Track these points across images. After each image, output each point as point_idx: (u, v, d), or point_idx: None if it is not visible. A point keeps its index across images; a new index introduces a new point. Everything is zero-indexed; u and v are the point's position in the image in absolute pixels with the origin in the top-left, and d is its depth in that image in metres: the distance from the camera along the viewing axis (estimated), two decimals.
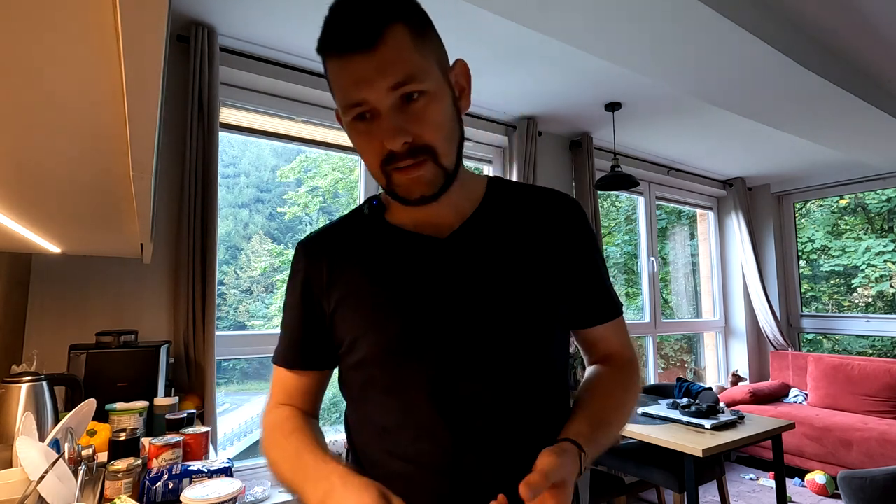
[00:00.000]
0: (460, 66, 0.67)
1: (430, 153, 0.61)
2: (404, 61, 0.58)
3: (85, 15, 0.27)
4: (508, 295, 0.66)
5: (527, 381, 0.67)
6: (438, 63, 0.63)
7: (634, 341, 4.47)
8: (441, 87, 0.62)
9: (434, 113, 0.61)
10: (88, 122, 0.43)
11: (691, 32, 1.75)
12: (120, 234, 1.08)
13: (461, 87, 0.67)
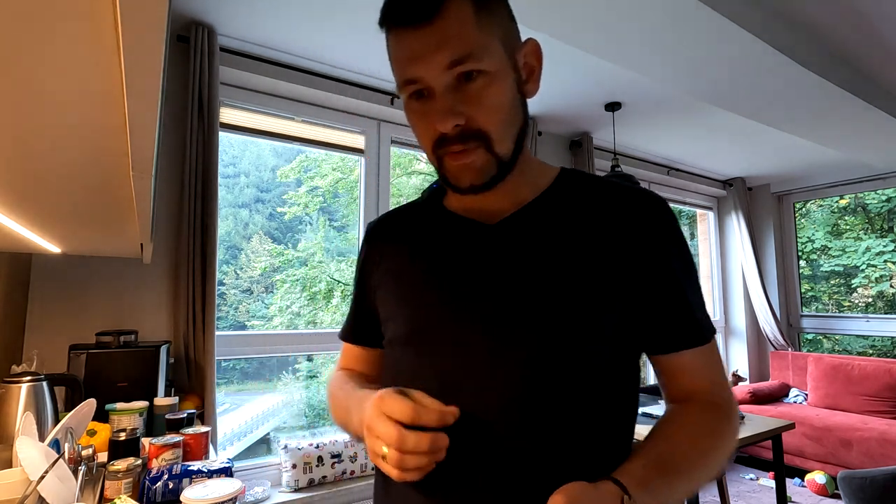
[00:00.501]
0: (531, 46, 0.60)
1: (482, 139, 0.57)
2: (464, 37, 0.54)
3: (85, 15, 0.27)
4: (544, 295, 0.57)
5: (545, 399, 0.56)
6: (503, 40, 0.57)
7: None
8: (503, 67, 0.57)
9: (492, 95, 0.56)
10: (88, 122, 0.43)
11: (691, 32, 1.75)
12: (120, 234, 1.08)
13: (530, 68, 0.61)
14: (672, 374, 0.64)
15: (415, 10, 0.54)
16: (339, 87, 2.37)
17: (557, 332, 0.57)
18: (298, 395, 4.20)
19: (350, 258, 4.07)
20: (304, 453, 2.17)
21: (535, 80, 0.61)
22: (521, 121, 0.61)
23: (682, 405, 0.62)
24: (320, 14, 1.90)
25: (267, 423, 4.02)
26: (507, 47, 0.58)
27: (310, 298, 4.23)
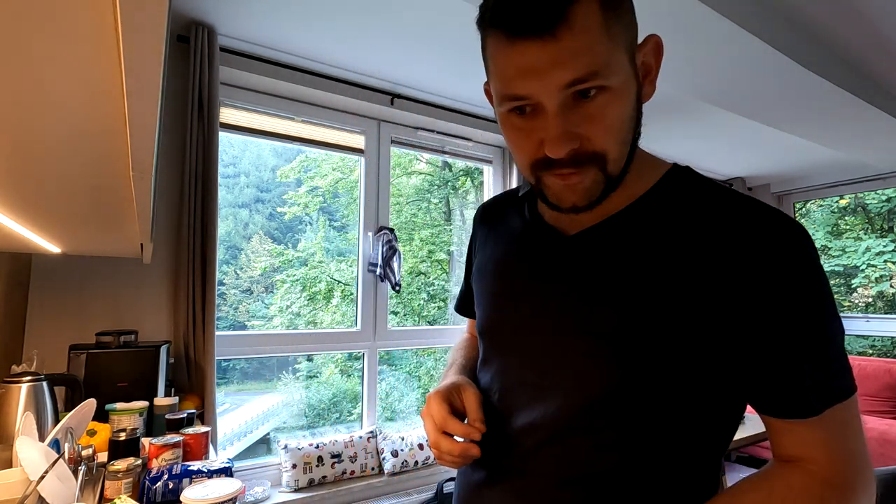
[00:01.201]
0: (653, 43, 0.52)
1: (598, 161, 0.50)
2: (590, 52, 0.45)
3: (85, 15, 0.27)
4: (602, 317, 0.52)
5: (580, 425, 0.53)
6: (628, 47, 0.49)
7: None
8: (628, 80, 0.49)
9: (613, 114, 0.49)
10: (88, 122, 0.43)
11: (691, 32, 1.75)
12: (120, 234, 1.08)
13: (648, 68, 0.53)
14: (775, 433, 0.52)
15: (536, 18, 0.44)
16: (339, 87, 2.37)
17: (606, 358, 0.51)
18: (298, 395, 4.20)
19: (350, 258, 4.08)
20: (304, 453, 2.17)
21: (652, 82, 0.53)
22: (636, 133, 0.53)
23: (782, 468, 0.51)
24: (320, 14, 1.90)
25: (267, 423, 4.02)
26: (631, 53, 0.50)
27: (310, 298, 4.23)
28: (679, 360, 0.50)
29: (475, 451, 0.55)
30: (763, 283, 0.47)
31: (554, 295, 0.56)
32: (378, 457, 2.35)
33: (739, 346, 0.49)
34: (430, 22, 1.96)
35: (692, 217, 0.51)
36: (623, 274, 0.52)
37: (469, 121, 2.83)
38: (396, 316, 4.38)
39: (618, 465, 0.52)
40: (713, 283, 0.48)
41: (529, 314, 0.58)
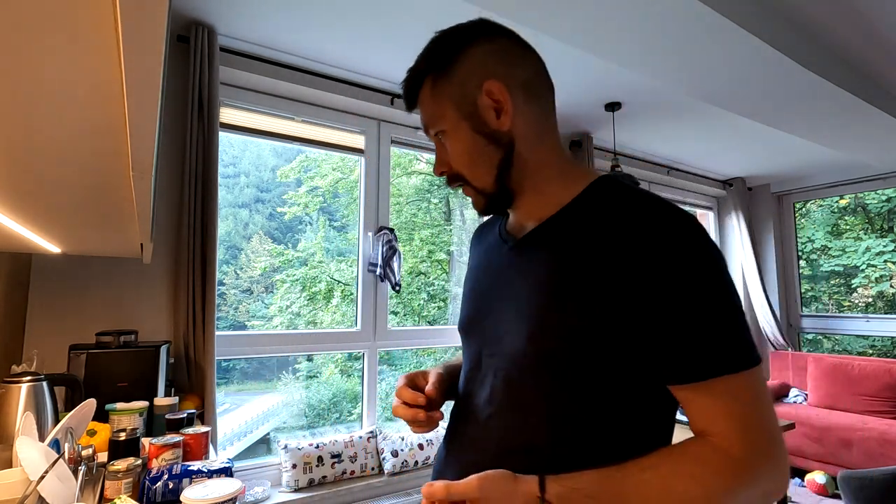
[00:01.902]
0: (486, 88, 0.65)
1: (462, 180, 0.69)
2: (426, 114, 0.70)
3: (85, 15, 0.27)
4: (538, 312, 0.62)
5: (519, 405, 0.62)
6: (456, 100, 0.67)
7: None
8: (455, 123, 0.67)
9: (452, 147, 0.68)
10: (88, 122, 0.43)
11: (691, 32, 1.75)
12: (120, 234, 1.08)
13: (496, 105, 0.65)
14: (684, 406, 0.58)
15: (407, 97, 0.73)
16: (339, 87, 2.37)
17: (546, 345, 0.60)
18: (298, 395, 4.20)
19: (350, 258, 4.08)
20: (304, 453, 2.17)
21: (507, 112, 0.65)
22: (498, 152, 0.66)
23: (691, 441, 0.57)
24: (320, 14, 1.90)
25: (267, 423, 4.02)
26: (463, 103, 0.66)
27: (310, 298, 4.23)
28: (595, 340, 0.57)
29: (421, 416, 0.67)
30: (658, 268, 0.55)
31: (502, 289, 0.69)
32: (378, 457, 2.35)
33: (643, 323, 0.56)
34: (431, 22, 1.96)
35: (605, 219, 0.61)
36: (549, 268, 0.63)
37: None
38: (396, 316, 4.38)
39: (550, 438, 0.60)
40: (619, 270, 0.57)
41: (486, 307, 0.71)
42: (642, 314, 0.56)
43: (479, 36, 0.69)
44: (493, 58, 0.67)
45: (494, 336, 0.67)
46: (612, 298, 0.56)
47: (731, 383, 0.54)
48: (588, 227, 0.62)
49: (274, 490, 2.13)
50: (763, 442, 0.54)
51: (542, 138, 0.68)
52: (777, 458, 0.54)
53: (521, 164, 0.67)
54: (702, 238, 0.57)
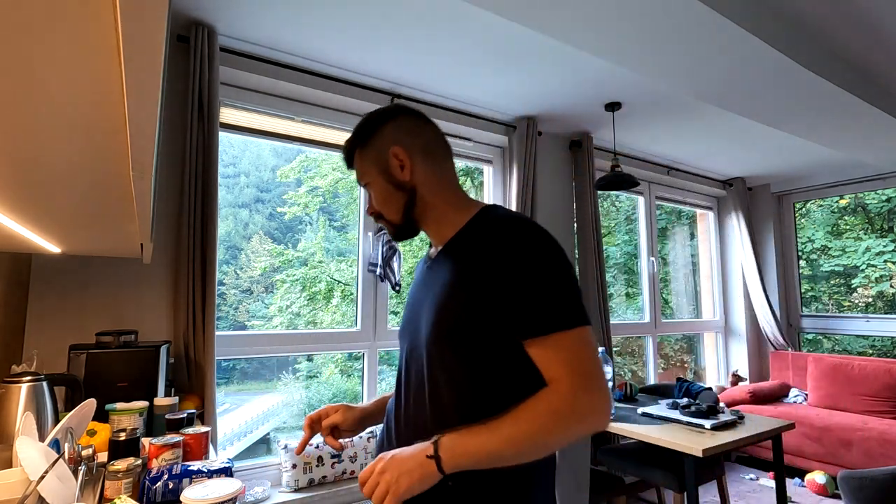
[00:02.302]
0: (391, 152, 0.91)
1: (382, 217, 0.96)
2: (357, 170, 0.97)
3: (85, 15, 0.27)
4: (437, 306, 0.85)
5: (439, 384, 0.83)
6: (375, 161, 0.93)
7: (633, 342, 4.50)
8: (376, 176, 0.93)
9: (374, 194, 0.95)
10: (88, 122, 0.43)
11: (691, 32, 1.75)
12: (120, 234, 1.08)
13: (400, 162, 0.91)
14: (535, 361, 0.79)
15: (346, 162, 0.99)
16: (339, 87, 2.37)
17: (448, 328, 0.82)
18: (298, 395, 4.20)
19: (350, 258, 4.07)
20: (304, 453, 2.17)
21: (408, 168, 0.91)
22: (403, 196, 0.92)
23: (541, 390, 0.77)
24: (320, 14, 1.90)
25: (267, 423, 4.02)
26: (378, 163, 0.93)
27: (310, 298, 4.23)
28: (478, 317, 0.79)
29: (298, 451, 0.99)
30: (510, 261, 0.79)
31: (422, 297, 0.91)
32: None
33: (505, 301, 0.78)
34: (430, 22, 1.96)
35: (482, 235, 0.85)
36: (450, 274, 0.86)
37: (469, 121, 2.83)
38: (396, 316, 4.38)
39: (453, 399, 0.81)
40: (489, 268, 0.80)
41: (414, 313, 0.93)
42: (505, 294, 0.78)
43: (390, 118, 0.94)
44: (398, 131, 0.93)
45: (416, 331, 0.89)
46: (487, 287, 0.79)
47: (564, 338, 0.76)
48: (473, 242, 0.86)
49: (274, 490, 2.13)
50: (585, 381, 0.74)
51: (440, 184, 0.93)
52: (596, 393, 0.74)
53: (423, 204, 0.93)
54: (543, 239, 0.81)
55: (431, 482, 0.74)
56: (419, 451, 0.75)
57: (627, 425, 2.16)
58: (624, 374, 4.39)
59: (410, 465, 0.74)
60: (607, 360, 2.32)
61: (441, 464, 0.73)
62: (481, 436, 0.74)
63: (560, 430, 0.73)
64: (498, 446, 0.74)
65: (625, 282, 4.67)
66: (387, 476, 0.74)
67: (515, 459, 0.75)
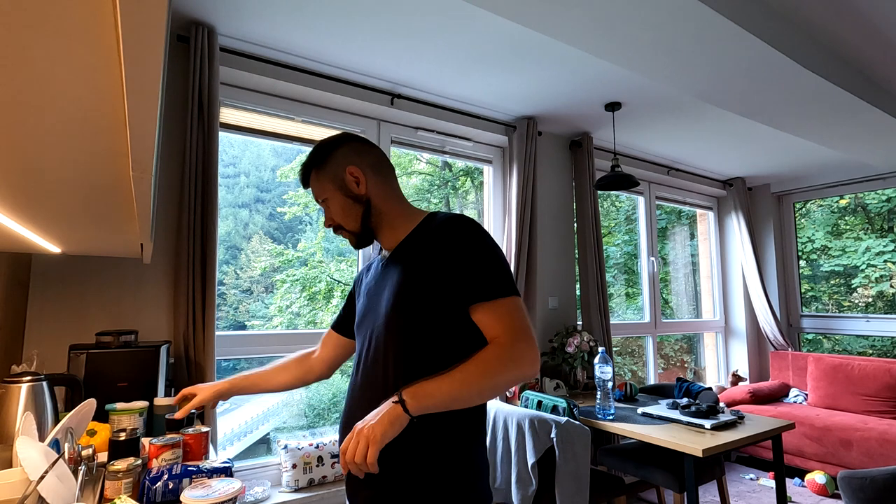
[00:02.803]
0: (349, 171, 1.07)
1: (340, 227, 1.10)
2: (315, 189, 1.11)
3: (85, 15, 0.27)
4: (396, 290, 1.00)
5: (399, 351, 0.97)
6: (332, 180, 1.08)
7: (633, 342, 4.51)
8: (333, 193, 1.08)
9: (332, 208, 1.09)
10: (88, 122, 0.43)
11: (691, 32, 1.75)
12: (120, 234, 1.08)
13: (356, 179, 1.07)
14: (480, 325, 0.96)
15: (302, 182, 1.13)
16: (339, 87, 2.37)
17: (405, 309, 0.98)
18: (298, 395, 4.20)
19: (350, 258, 4.07)
20: (304, 453, 2.17)
21: (363, 182, 1.07)
22: (360, 207, 1.07)
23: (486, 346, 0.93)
24: (320, 14, 1.90)
25: (267, 423, 4.02)
26: (335, 180, 1.07)
27: (309, 298, 4.23)
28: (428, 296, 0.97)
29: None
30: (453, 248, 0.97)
31: (379, 290, 1.07)
32: None
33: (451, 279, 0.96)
34: (430, 22, 1.96)
35: (427, 234, 1.03)
36: (402, 268, 1.03)
37: (469, 121, 2.83)
38: None
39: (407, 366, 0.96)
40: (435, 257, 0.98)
41: (371, 305, 1.08)
42: (454, 272, 0.96)
43: (342, 143, 1.09)
44: (350, 153, 1.09)
45: (375, 317, 1.04)
46: (438, 268, 0.97)
47: (503, 303, 0.95)
48: (422, 239, 1.03)
49: (274, 490, 2.13)
50: (520, 334, 0.93)
51: (389, 196, 1.10)
52: (528, 342, 0.93)
53: (378, 213, 1.09)
54: (479, 229, 1.00)
55: (401, 424, 0.85)
56: (385, 404, 0.88)
57: (627, 425, 2.16)
58: (624, 374, 4.39)
59: (379, 416, 0.86)
60: (607, 360, 2.32)
61: (406, 406, 0.85)
62: (438, 381, 0.89)
63: (502, 372, 0.90)
64: (453, 387, 0.88)
65: (625, 282, 4.67)
66: (362, 432, 0.84)
67: (468, 399, 0.90)
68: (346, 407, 1.07)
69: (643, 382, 3.90)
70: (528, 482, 2.05)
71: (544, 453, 2.04)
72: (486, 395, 0.92)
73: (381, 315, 1.02)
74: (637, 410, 2.41)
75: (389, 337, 0.99)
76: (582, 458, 2.01)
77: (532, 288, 2.90)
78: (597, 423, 2.26)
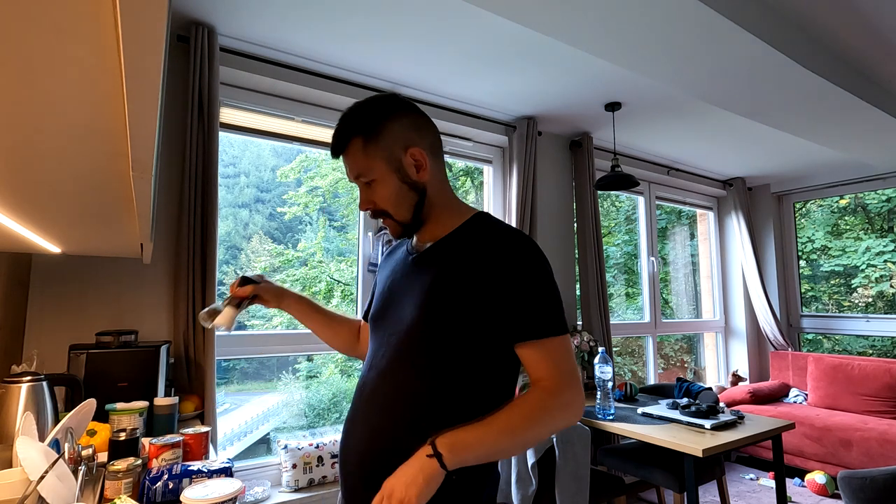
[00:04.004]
0: (410, 152, 0.90)
1: (386, 214, 0.93)
2: (356, 164, 0.90)
3: (85, 14, 0.27)
4: (430, 298, 0.88)
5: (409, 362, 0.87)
6: (386, 158, 0.89)
7: (633, 342, 4.50)
8: (386, 174, 0.90)
9: (380, 192, 0.91)
10: (88, 122, 0.43)
11: (692, 33, 1.75)
12: (120, 234, 1.08)
13: (418, 164, 0.91)
14: (524, 363, 0.87)
15: (333, 148, 0.93)
16: (339, 87, 2.37)
17: (430, 324, 0.86)
18: (298, 395, 4.20)
19: (350, 258, 4.07)
20: (304, 453, 2.17)
21: (425, 168, 0.91)
22: (415, 196, 0.92)
23: (529, 389, 0.85)
24: (320, 14, 1.90)
25: (267, 423, 4.02)
26: (391, 160, 0.89)
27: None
28: (463, 315, 0.85)
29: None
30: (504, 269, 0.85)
31: (406, 287, 0.94)
32: None
33: (496, 305, 0.84)
34: (430, 22, 1.96)
35: (476, 240, 0.90)
36: (438, 271, 0.90)
37: (469, 121, 2.83)
38: None
39: (429, 386, 0.85)
40: (481, 271, 0.86)
41: (394, 301, 0.95)
42: (503, 300, 0.84)
43: (396, 111, 0.91)
44: (411, 128, 0.92)
45: (397, 319, 0.92)
46: (485, 290, 0.85)
47: (551, 343, 0.85)
48: (469, 245, 0.90)
49: (274, 490, 2.12)
50: (569, 379, 0.84)
51: (443, 184, 0.96)
52: (576, 388, 0.85)
53: (429, 204, 0.94)
54: (538, 253, 0.88)
55: (438, 481, 0.75)
56: (417, 456, 0.77)
57: (627, 425, 2.16)
58: (624, 374, 4.39)
59: (413, 473, 0.75)
60: (607, 360, 2.32)
61: (443, 460, 0.75)
62: (478, 430, 0.79)
63: (549, 422, 0.83)
64: (495, 438, 0.79)
65: (625, 282, 4.67)
66: (395, 495, 0.74)
67: (510, 451, 0.83)
68: (353, 406, 0.95)
69: (643, 382, 3.90)
70: (528, 482, 2.05)
71: (544, 453, 2.04)
72: (529, 446, 0.84)
73: (406, 318, 0.89)
74: (637, 410, 2.40)
75: (413, 346, 0.87)
76: (582, 458, 2.01)
77: None
78: (597, 423, 2.25)
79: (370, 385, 0.92)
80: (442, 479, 0.76)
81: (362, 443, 0.88)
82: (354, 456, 0.89)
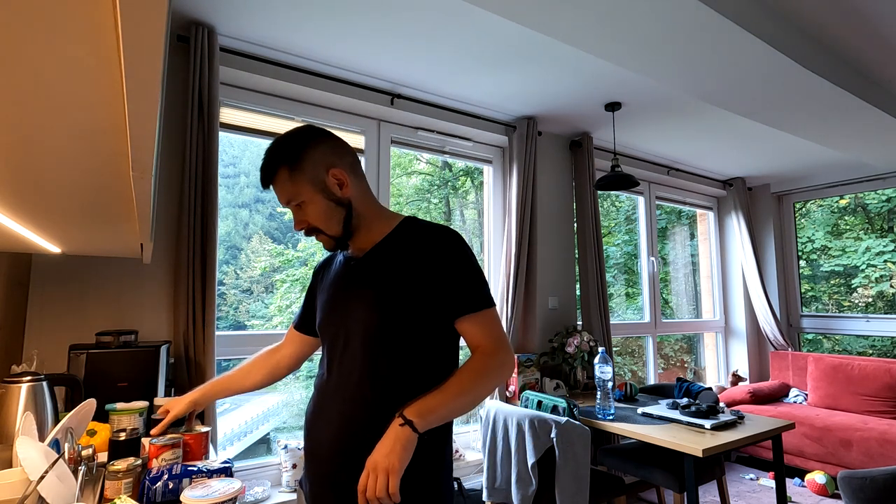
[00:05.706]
0: (332, 173, 1.02)
1: (319, 231, 1.05)
2: (285, 190, 1.02)
3: (85, 15, 0.27)
4: (377, 295, 1.01)
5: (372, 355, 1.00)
6: (311, 181, 1.01)
7: (633, 342, 4.52)
8: (313, 195, 1.01)
9: (311, 212, 1.02)
10: (88, 122, 0.43)
11: (692, 33, 1.75)
12: (120, 233, 1.08)
13: (340, 182, 1.02)
14: (464, 337, 1.04)
15: (262, 179, 1.03)
16: (339, 87, 2.37)
17: (381, 314, 1.00)
18: (298, 395, 4.20)
19: None
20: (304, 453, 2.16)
21: (347, 185, 1.03)
22: (343, 211, 1.04)
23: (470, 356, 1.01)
24: (320, 14, 1.90)
25: (267, 423, 4.02)
26: (315, 183, 1.01)
27: None
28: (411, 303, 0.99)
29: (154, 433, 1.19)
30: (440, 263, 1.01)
31: (350, 291, 1.07)
32: None
33: (434, 289, 1.00)
34: (430, 22, 1.96)
35: (409, 241, 1.04)
36: (381, 272, 1.03)
37: (469, 121, 2.83)
38: None
39: (390, 368, 0.99)
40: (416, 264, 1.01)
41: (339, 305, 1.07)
42: (441, 285, 1.00)
43: (315, 139, 1.03)
44: (329, 153, 1.03)
45: (352, 320, 1.03)
46: (426, 280, 1.00)
47: (486, 314, 1.02)
48: (401, 245, 1.04)
49: (274, 490, 2.12)
50: (502, 343, 1.02)
51: (366, 197, 1.08)
52: (509, 350, 1.02)
53: (357, 216, 1.06)
54: (459, 242, 1.03)
55: (413, 445, 0.88)
56: (390, 430, 0.89)
57: (627, 425, 2.16)
58: (624, 374, 4.39)
59: (390, 444, 0.87)
60: (607, 360, 2.32)
61: (414, 425, 0.88)
62: (437, 396, 0.94)
63: (492, 379, 0.99)
64: (453, 399, 0.94)
65: (625, 282, 4.66)
66: (379, 465, 0.85)
67: (465, 408, 0.97)
68: (315, 403, 1.08)
69: (643, 382, 3.90)
70: (528, 482, 2.05)
71: (544, 453, 2.04)
72: (478, 402, 0.99)
73: (362, 317, 1.01)
74: (637, 410, 2.41)
75: (374, 340, 1.00)
76: (582, 458, 2.01)
77: (532, 288, 2.90)
78: (597, 423, 2.26)
79: (334, 381, 1.04)
80: (416, 443, 0.88)
81: (334, 431, 1.00)
82: (326, 444, 1.01)
